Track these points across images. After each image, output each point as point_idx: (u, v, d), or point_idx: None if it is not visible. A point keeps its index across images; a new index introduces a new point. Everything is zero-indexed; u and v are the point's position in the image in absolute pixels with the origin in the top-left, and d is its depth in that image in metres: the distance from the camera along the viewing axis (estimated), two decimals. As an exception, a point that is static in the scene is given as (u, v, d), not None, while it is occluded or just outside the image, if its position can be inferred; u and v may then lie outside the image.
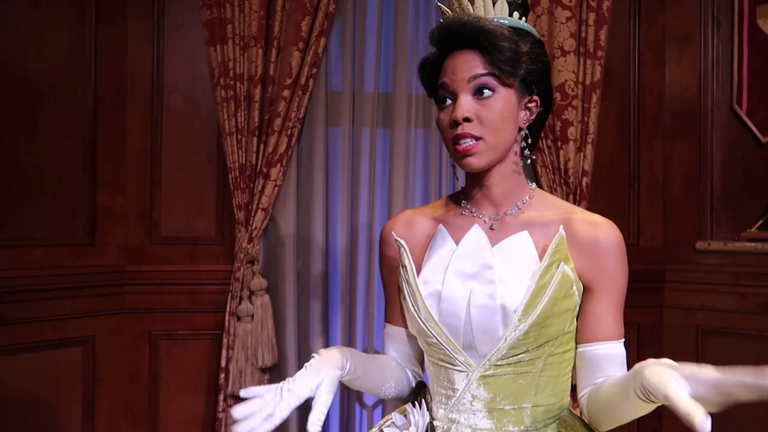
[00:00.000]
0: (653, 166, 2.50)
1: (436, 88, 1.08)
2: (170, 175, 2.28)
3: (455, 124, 1.03)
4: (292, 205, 2.21)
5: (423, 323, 1.06)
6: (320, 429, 0.93)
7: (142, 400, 2.25)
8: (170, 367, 2.27)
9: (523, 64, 1.05)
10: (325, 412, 0.95)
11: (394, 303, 1.18)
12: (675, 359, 0.87)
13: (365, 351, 2.28)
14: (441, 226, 1.12)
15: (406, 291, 1.10)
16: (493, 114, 1.03)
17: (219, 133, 2.22)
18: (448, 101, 1.06)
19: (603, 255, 1.04)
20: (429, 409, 1.09)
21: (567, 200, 2.24)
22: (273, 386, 0.95)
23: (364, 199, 2.30)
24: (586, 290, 1.05)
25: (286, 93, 2.12)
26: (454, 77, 1.04)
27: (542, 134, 2.24)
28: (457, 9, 1.11)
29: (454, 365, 1.05)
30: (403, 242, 1.12)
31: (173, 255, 2.28)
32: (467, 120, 1.02)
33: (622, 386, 0.93)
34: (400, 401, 1.20)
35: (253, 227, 2.14)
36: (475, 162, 1.03)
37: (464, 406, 1.05)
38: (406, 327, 1.16)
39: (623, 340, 1.07)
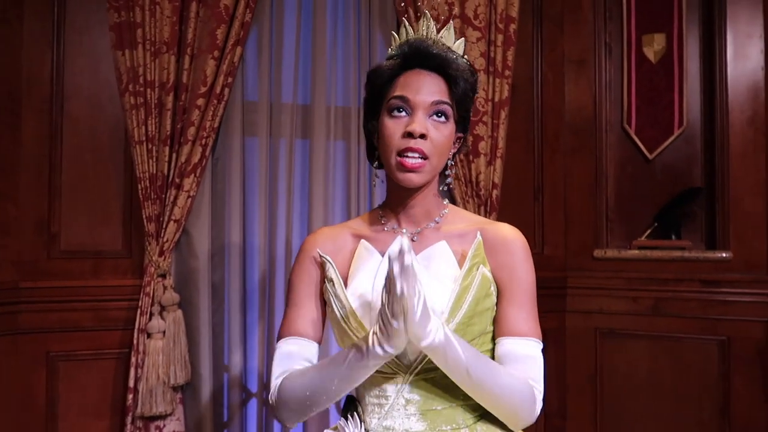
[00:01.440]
0: (555, 179, 2.68)
1: (386, 96, 1.13)
2: (71, 184, 2.14)
3: (410, 136, 1.08)
4: (206, 217, 2.14)
5: (354, 334, 1.08)
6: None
7: (39, 428, 2.08)
8: (70, 391, 2.11)
9: (471, 104, 1.16)
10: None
11: (308, 314, 1.18)
12: (576, 359, 0.97)
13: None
14: (364, 240, 1.18)
15: (334, 305, 1.12)
16: (442, 139, 1.11)
17: (127, 141, 2.11)
18: (402, 112, 1.11)
19: (511, 257, 1.14)
20: (362, 421, 1.12)
21: (478, 211, 2.35)
22: None
23: (282, 210, 2.28)
24: (499, 291, 1.14)
25: (200, 101, 2.06)
26: (418, 95, 1.10)
27: (455, 148, 2.34)
28: (424, 31, 1.16)
29: (385, 372, 1.08)
30: (328, 257, 1.15)
31: (74, 270, 2.13)
32: (422, 137, 1.08)
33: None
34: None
35: (165, 239, 2.06)
36: (416, 180, 1.11)
37: (398, 411, 1.09)
38: (315, 340, 1.19)
39: (534, 339, 1.12)
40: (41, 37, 2.11)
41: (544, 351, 1.15)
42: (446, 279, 1.10)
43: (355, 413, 1.13)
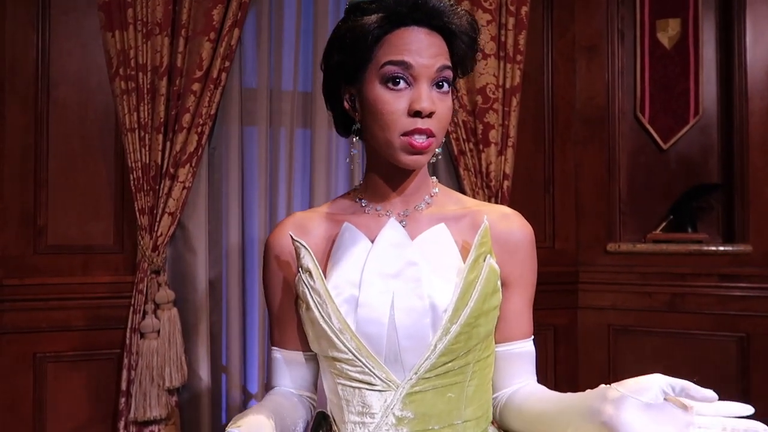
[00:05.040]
0: (566, 170, 2.57)
1: (371, 57, 0.92)
2: (59, 175, 2.01)
3: (417, 114, 0.91)
4: (203, 209, 2.02)
5: (336, 335, 0.91)
6: None
7: (25, 434, 1.96)
8: (59, 394, 1.99)
9: (471, 67, 0.99)
10: None
11: (285, 322, 1.03)
12: (588, 357, 0.85)
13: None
14: (347, 223, 0.99)
15: (312, 300, 0.93)
16: (447, 112, 0.94)
17: (117, 128, 1.99)
18: (403, 83, 0.91)
19: (519, 248, 0.99)
20: None
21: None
22: None
23: (282, 203, 2.16)
24: (503, 286, 0.99)
25: (195, 87, 1.93)
26: (420, 60, 0.91)
27: (464, 137, 2.23)
28: None
29: (372, 385, 0.91)
30: (304, 243, 0.95)
31: (63, 266, 2.01)
32: (430, 115, 0.91)
33: (567, 408, 0.86)
34: None
35: (159, 233, 1.94)
36: (423, 160, 0.94)
37: None
38: (303, 350, 1.03)
39: (533, 336, 1.03)
40: (25, 18, 1.98)
41: (554, 347, 1.03)
42: (448, 269, 0.93)
43: None
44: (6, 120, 1.96)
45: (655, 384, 0.76)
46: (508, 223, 1.00)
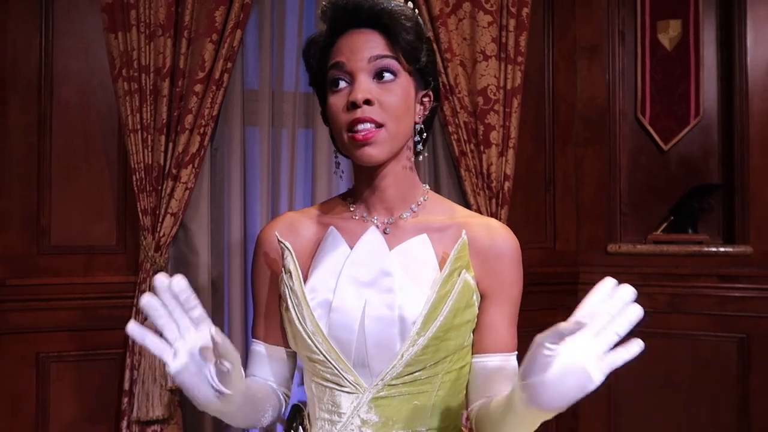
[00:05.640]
0: (567, 171, 2.58)
1: (325, 71, 0.98)
2: (62, 175, 2.02)
3: (353, 106, 0.92)
4: (205, 210, 2.03)
5: (309, 337, 0.94)
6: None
7: (28, 433, 1.97)
8: (62, 394, 2.00)
9: (424, 51, 0.99)
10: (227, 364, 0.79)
11: (269, 317, 1.05)
12: None
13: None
14: (332, 227, 1.02)
15: (290, 300, 0.96)
16: (394, 99, 0.94)
17: (120, 129, 2.00)
18: (343, 83, 0.95)
19: (500, 261, 0.99)
20: None
21: (489, 205, 2.24)
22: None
23: (284, 204, 2.17)
24: (482, 298, 0.99)
25: (198, 88, 1.94)
26: (351, 56, 0.94)
27: (465, 138, 2.23)
28: None
29: (341, 386, 0.94)
30: (288, 244, 0.99)
31: (65, 266, 2.02)
32: (368, 103, 0.92)
33: (507, 403, 0.86)
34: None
35: (161, 234, 1.95)
36: (375, 153, 0.93)
37: None
38: (282, 345, 1.05)
39: (516, 353, 1.00)
40: (28, 19, 1.98)
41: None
42: (423, 282, 0.94)
43: (300, 427, 0.99)
44: (8, 120, 1.97)
45: (538, 355, 0.73)
46: (492, 235, 0.99)
